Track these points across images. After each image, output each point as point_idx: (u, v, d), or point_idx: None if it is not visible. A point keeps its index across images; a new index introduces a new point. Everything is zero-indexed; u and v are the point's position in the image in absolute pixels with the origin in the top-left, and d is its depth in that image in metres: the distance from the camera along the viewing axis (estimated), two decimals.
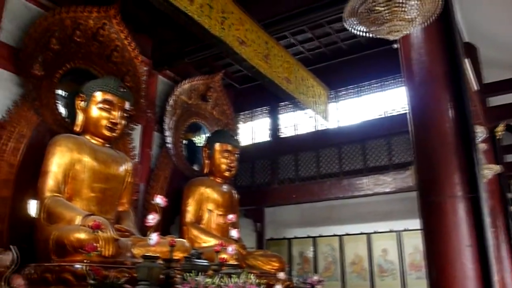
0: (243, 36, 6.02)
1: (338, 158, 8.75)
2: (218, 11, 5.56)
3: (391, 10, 2.18)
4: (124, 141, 6.50)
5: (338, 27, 7.95)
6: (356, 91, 9.10)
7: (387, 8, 2.18)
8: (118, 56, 6.53)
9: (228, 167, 7.13)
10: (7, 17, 5.57)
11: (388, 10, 2.19)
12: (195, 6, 5.14)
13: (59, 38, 5.79)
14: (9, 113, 5.27)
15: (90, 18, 6.19)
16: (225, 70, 9.06)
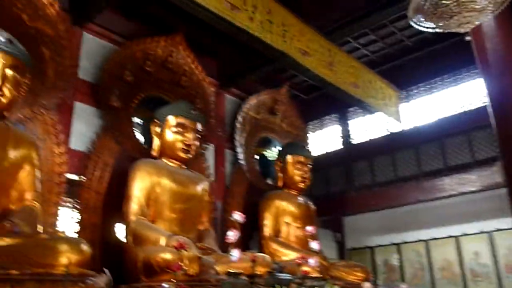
0: (305, 46, 6.04)
1: (415, 159, 8.43)
2: (279, 25, 5.63)
3: (459, 2, 2.06)
4: (199, 161, 6.66)
5: (402, 25, 7.73)
6: (428, 89, 8.75)
7: (455, 1, 2.07)
8: (187, 80, 6.77)
9: (302, 179, 7.06)
10: (84, 56, 5.98)
11: (455, 2, 2.08)
12: (256, 23, 5.25)
13: (132, 69, 6.11)
14: (93, 145, 5.61)
15: (158, 47, 6.49)
16: (290, 82, 9.09)
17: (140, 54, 6.31)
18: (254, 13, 5.37)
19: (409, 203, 8.25)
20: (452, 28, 2.36)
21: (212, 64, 7.86)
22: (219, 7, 4.91)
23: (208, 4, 4.77)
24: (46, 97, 5.12)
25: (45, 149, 4.95)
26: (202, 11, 4.76)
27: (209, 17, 4.87)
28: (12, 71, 3.95)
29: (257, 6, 5.45)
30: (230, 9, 5.05)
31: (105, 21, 6.30)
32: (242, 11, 5.21)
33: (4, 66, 3.90)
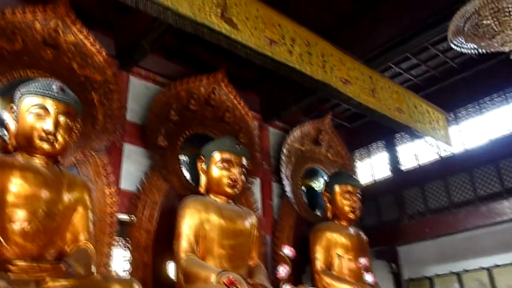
0: (346, 75, 6.03)
1: (470, 183, 8.06)
2: (318, 55, 5.68)
3: (500, 21, 2.01)
4: (246, 195, 6.67)
5: (444, 47, 7.58)
6: (477, 109, 8.44)
7: (495, 19, 2.02)
8: (230, 116, 6.88)
9: (352, 209, 6.87)
10: (131, 98, 6.22)
11: (496, 21, 2.02)
12: (295, 56, 5.32)
13: (177, 109, 6.29)
14: (142, 184, 5.74)
15: (201, 86, 6.67)
16: (333, 111, 9.07)
17: (184, 93, 6.50)
18: (293, 46, 5.44)
19: (467, 229, 7.86)
20: (495, 47, 2.30)
21: (254, 98, 7.98)
22: (258, 43, 5.01)
23: (248, 41, 4.88)
24: (97, 140, 5.34)
25: (97, 190, 5.11)
26: (242, 48, 4.86)
27: (249, 53, 4.96)
28: (65, 117, 4.14)
29: (296, 39, 5.53)
30: (269, 44, 5.14)
31: (149, 64, 6.57)
32: (281, 45, 5.29)
33: (57, 113, 4.09)
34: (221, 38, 4.83)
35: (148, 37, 5.77)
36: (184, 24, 4.43)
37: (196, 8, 4.49)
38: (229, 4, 4.89)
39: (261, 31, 5.11)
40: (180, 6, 4.37)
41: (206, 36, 4.71)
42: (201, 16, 4.54)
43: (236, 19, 4.97)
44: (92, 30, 5.77)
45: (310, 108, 8.76)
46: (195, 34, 4.58)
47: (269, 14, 5.34)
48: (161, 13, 4.28)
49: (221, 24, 4.81)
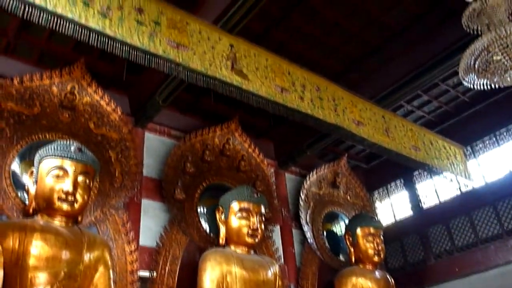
0: (358, 116, 6.05)
1: (496, 217, 7.83)
2: (329, 99, 5.73)
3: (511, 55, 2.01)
4: (267, 244, 6.57)
5: (455, 82, 7.61)
6: (494, 141, 8.33)
7: (505, 55, 2.02)
8: (246, 165, 6.90)
9: (376, 251, 6.67)
10: (147, 154, 6.31)
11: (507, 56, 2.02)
12: (306, 102, 5.38)
13: (193, 161, 6.36)
14: (162, 239, 5.71)
15: (215, 137, 6.75)
16: (348, 153, 9.05)
17: (199, 145, 6.58)
18: (304, 92, 5.51)
19: (498, 265, 7.55)
20: (509, 82, 2.29)
21: (268, 146, 8.02)
22: (269, 91, 5.09)
23: (259, 91, 4.96)
24: (115, 197, 5.38)
25: (117, 248, 5.12)
26: (254, 98, 4.94)
27: (260, 102, 5.03)
28: (83, 177, 4.21)
29: (306, 85, 5.60)
30: (280, 92, 5.21)
31: (164, 119, 6.71)
32: (292, 92, 5.35)
33: (76, 174, 4.16)
34: (232, 89, 4.90)
35: (161, 93, 5.92)
36: (196, 78, 4.53)
37: (207, 62, 4.60)
38: (238, 56, 4.99)
39: (271, 79, 5.19)
40: (191, 62, 4.48)
41: (218, 88, 4.77)
42: (212, 70, 4.62)
43: (246, 70, 5.06)
44: (107, 90, 5.96)
45: (325, 152, 8.74)
46: (207, 87, 4.65)
47: (278, 62, 5.43)
48: (173, 69, 4.39)
49: (232, 76, 4.89)
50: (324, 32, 6.46)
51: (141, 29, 4.17)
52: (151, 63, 4.17)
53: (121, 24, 3.99)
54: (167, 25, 4.47)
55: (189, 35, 4.59)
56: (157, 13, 4.40)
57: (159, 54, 4.22)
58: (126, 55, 3.99)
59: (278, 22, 6.21)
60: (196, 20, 4.73)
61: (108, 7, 3.96)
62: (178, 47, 4.38)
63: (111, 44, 3.89)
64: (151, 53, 4.15)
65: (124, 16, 4.06)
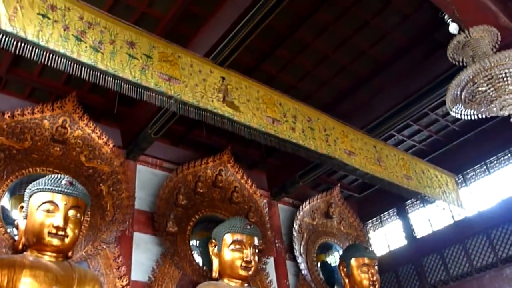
0: (350, 146, 6.10)
1: (489, 246, 7.81)
2: (320, 130, 5.78)
3: (495, 87, 2.06)
4: (261, 277, 6.50)
5: (444, 111, 7.67)
6: (484, 169, 8.38)
7: (491, 86, 2.07)
8: (239, 196, 6.89)
9: (371, 282, 6.58)
10: (139, 186, 6.29)
11: (492, 88, 2.07)
12: (297, 133, 5.42)
13: (185, 193, 6.35)
14: (154, 273, 5.64)
15: (207, 168, 6.76)
16: (341, 183, 9.05)
17: (191, 177, 6.58)
18: (295, 123, 5.57)
19: None
20: (494, 112, 2.34)
21: (261, 176, 8.03)
22: (261, 122, 5.14)
23: (250, 122, 5.01)
24: (107, 231, 5.32)
25: (108, 284, 5.03)
26: (245, 129, 4.99)
27: (252, 133, 5.08)
28: (74, 211, 4.18)
29: (297, 116, 5.66)
30: (272, 123, 5.27)
31: (155, 151, 6.72)
32: (283, 123, 5.41)
33: (67, 208, 4.12)
34: (224, 121, 4.95)
35: (153, 125, 5.94)
36: (188, 110, 4.58)
37: (199, 95, 4.66)
38: (230, 88, 5.07)
39: (262, 111, 5.25)
40: (183, 94, 4.54)
41: (210, 120, 4.82)
42: (204, 102, 4.68)
43: (238, 101, 5.12)
44: (98, 122, 5.99)
45: (318, 182, 8.75)
46: (199, 119, 4.70)
47: (269, 94, 5.51)
48: (165, 102, 4.43)
49: (223, 108, 4.95)
50: (314, 64, 6.56)
51: (133, 63, 4.24)
52: (143, 95, 4.22)
53: (113, 58, 4.06)
54: (159, 59, 4.54)
55: (180, 68, 4.66)
56: (149, 46, 4.47)
57: (151, 87, 4.28)
58: (118, 88, 4.04)
59: (268, 55, 6.30)
60: (188, 54, 4.80)
61: (100, 41, 4.04)
62: (170, 80, 4.45)
63: (103, 77, 3.94)
64: (143, 86, 4.20)
65: (116, 50, 4.13)
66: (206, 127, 5.81)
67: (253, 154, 7.88)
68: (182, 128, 7.01)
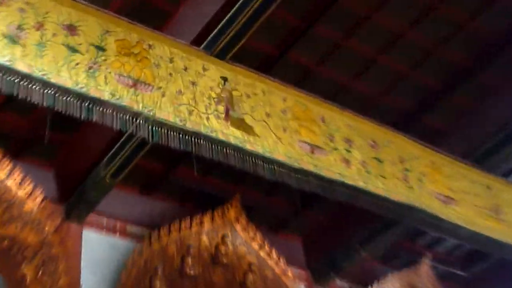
0: (446, 188, 6.44)
1: None
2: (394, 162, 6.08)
3: None
4: None
5: None
6: None
7: None
8: (256, 280, 6.81)
9: None
10: (87, 266, 6.28)
11: None
12: (354, 168, 5.72)
13: (165, 276, 6.36)
14: None
15: (202, 232, 6.72)
16: (432, 252, 8.93)
17: (175, 248, 6.55)
18: (350, 151, 5.64)
19: None
20: None
21: (294, 244, 8.03)
22: (291, 152, 5.22)
23: (274, 152, 5.06)
24: None
25: None
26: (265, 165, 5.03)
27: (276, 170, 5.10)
28: None
29: (352, 138, 5.75)
30: (310, 153, 5.33)
31: (114, 206, 6.75)
32: (329, 151, 5.48)
33: None
34: (229, 151, 4.93)
35: (109, 163, 5.93)
36: (168, 136, 4.55)
37: (185, 109, 4.67)
38: (237, 97, 5.10)
39: (293, 132, 5.28)
40: (159, 109, 4.53)
41: (204, 152, 4.78)
42: (193, 121, 4.70)
43: (251, 118, 5.15)
44: (17, 160, 5.97)
45: (393, 251, 8.64)
46: (185, 149, 4.69)
47: (303, 102, 5.53)
48: (128, 124, 4.41)
49: (227, 130, 4.98)
50: (379, 48, 6.76)
51: (73, 60, 4.27)
52: (91, 114, 4.20)
53: (40, 52, 4.07)
54: (117, 51, 4.61)
55: (153, 66, 4.73)
56: (100, 32, 4.56)
57: (105, 99, 4.29)
58: (50, 103, 4.04)
59: (300, 37, 6.39)
60: (165, 41, 4.87)
61: (19, 26, 4.05)
62: (136, 86, 4.50)
63: (24, 85, 3.92)
64: (91, 97, 4.21)
65: (45, 39, 4.16)
66: (198, 164, 5.80)
67: (279, 207, 7.84)
68: (158, 166, 7.03)
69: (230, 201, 7.07)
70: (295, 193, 6.46)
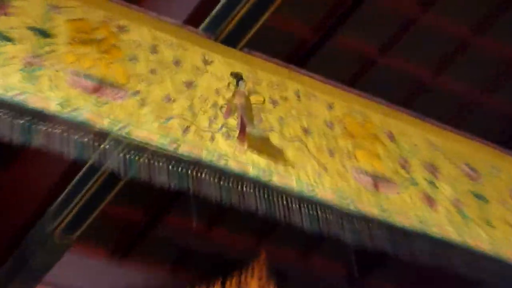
0: None
1: None
2: None
3: None
4: None
5: None
6: None
7: None
8: None
9: None
10: None
11: None
12: (442, 212, 5.51)
13: None
14: None
15: None
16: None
17: None
18: (435, 185, 5.52)
19: None
20: None
21: None
22: (345, 189, 5.08)
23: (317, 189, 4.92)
24: None
25: None
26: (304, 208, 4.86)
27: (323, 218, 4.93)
28: None
29: (438, 164, 5.64)
30: (374, 189, 5.21)
31: (72, 274, 6.76)
32: (405, 187, 5.40)
33: None
34: (246, 189, 4.75)
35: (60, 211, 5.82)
36: (150, 167, 4.36)
37: (176, 124, 4.51)
38: (257, 103, 5.00)
39: (345, 156, 5.17)
40: (138, 126, 4.40)
41: (204, 191, 4.61)
42: (189, 142, 4.54)
43: (279, 136, 5.00)
44: None
45: None
46: (176, 189, 4.52)
47: (360, 110, 5.42)
48: (89, 149, 4.22)
49: (242, 155, 4.81)
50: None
51: (3, 53, 4.19)
52: (30, 136, 4.05)
53: None
54: (70, 37, 4.50)
55: (127, 59, 4.62)
56: (43, 8, 4.51)
57: (50, 113, 4.14)
58: None
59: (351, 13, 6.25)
60: (145, 20, 4.82)
61: None
62: (100, 91, 4.35)
63: None
64: (29, 110, 4.05)
65: None
66: (198, 210, 5.63)
67: (324, 273, 7.66)
68: (137, 215, 6.90)
69: (251, 264, 6.82)
70: (350, 251, 6.27)
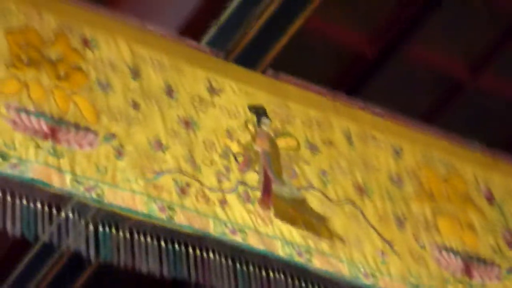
0: None
1: None
2: None
3: None
4: None
5: None
6: None
7: None
8: None
9: None
10: None
11: None
12: None
13: None
14: None
15: None
16: None
17: None
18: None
19: None
20: None
21: None
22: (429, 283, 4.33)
23: None
24: None
25: None
26: None
27: None
28: None
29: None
30: (464, 273, 4.34)
31: None
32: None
33: None
34: (274, 275, 3.92)
35: None
36: (133, 248, 3.67)
37: (170, 182, 3.81)
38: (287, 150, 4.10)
39: (436, 229, 4.37)
40: (113, 186, 3.67)
41: (213, 280, 3.93)
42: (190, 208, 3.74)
43: (323, 197, 4.19)
44: None
45: None
46: (173, 277, 3.89)
47: (445, 159, 4.57)
48: (43, 222, 3.47)
49: (267, 226, 4.03)
50: None
51: None
52: None
53: None
54: (11, 55, 3.80)
55: (96, 86, 3.89)
56: None
57: None
58: None
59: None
60: (122, 30, 4.10)
61: None
62: (57, 135, 3.65)
63: None
64: None
65: None
66: None
67: None
68: None
69: None
70: None
